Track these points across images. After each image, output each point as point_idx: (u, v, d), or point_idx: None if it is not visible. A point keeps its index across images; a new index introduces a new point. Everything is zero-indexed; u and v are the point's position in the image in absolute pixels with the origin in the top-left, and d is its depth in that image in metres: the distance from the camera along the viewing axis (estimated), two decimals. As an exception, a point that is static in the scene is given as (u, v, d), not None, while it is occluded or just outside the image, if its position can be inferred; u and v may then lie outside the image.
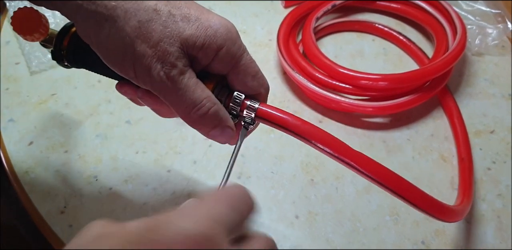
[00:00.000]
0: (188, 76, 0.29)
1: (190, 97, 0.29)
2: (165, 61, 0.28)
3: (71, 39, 0.33)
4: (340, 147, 0.30)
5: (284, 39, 0.56)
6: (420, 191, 0.30)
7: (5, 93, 0.53)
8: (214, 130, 0.31)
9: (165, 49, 0.28)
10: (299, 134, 0.31)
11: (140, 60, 0.28)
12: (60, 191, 0.46)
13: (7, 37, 0.58)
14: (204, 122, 0.30)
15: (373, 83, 0.49)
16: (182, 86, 0.29)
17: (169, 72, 0.28)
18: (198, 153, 0.49)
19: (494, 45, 0.60)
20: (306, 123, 0.31)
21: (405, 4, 0.61)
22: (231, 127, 0.31)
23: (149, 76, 0.28)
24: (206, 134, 0.31)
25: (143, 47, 0.28)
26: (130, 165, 0.48)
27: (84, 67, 0.35)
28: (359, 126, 0.53)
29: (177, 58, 0.28)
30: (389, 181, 0.30)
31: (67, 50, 0.34)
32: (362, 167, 0.29)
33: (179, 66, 0.29)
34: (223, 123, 0.31)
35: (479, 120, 0.54)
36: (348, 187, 0.47)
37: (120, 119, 0.52)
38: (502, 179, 0.49)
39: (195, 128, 0.31)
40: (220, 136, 0.31)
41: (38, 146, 0.49)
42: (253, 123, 0.32)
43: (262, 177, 0.48)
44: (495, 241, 0.44)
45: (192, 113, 0.30)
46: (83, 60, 0.34)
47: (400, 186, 0.30)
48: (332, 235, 0.44)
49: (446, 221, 0.33)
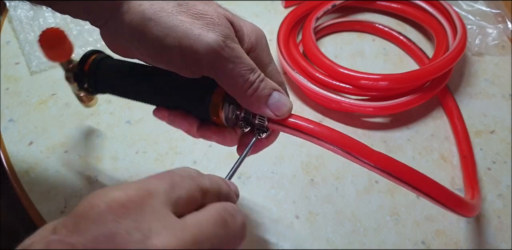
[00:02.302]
0: (239, 45, 0.28)
1: (248, 63, 0.28)
2: (218, 29, 0.27)
3: (93, 62, 0.34)
4: (361, 149, 0.30)
5: (284, 39, 0.56)
6: (443, 187, 0.30)
7: (5, 93, 0.53)
8: (273, 95, 0.30)
9: (214, 20, 0.27)
10: (316, 137, 0.30)
11: (188, 32, 0.26)
12: (60, 191, 0.46)
13: (7, 37, 0.58)
14: (265, 88, 0.29)
15: (373, 83, 0.49)
16: (239, 54, 0.28)
17: (225, 40, 0.27)
18: (198, 153, 0.49)
19: (494, 45, 0.60)
20: (322, 127, 0.31)
21: (405, 4, 0.61)
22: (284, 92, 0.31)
23: (204, 48, 0.26)
24: (264, 104, 0.30)
25: (190, 19, 0.27)
26: (130, 165, 0.48)
27: (109, 91, 0.36)
28: (359, 126, 0.53)
29: (227, 27, 0.28)
30: (413, 179, 0.29)
31: (89, 73, 0.34)
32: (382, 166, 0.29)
33: (231, 35, 0.28)
34: (279, 88, 0.30)
35: (479, 121, 0.54)
36: (349, 187, 0.47)
37: (120, 120, 0.52)
38: (502, 179, 0.49)
39: (255, 102, 0.29)
40: (279, 101, 0.30)
41: (38, 146, 0.49)
42: (266, 131, 0.32)
43: (262, 177, 0.48)
44: (495, 241, 0.44)
45: (252, 78, 0.28)
46: (105, 81, 0.35)
47: (424, 183, 0.30)
48: (332, 235, 0.44)
49: (465, 216, 0.33)
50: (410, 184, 0.29)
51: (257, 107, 0.30)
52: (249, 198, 0.46)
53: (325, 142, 0.30)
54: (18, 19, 0.59)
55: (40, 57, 0.56)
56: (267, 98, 0.29)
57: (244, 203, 0.46)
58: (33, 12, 0.60)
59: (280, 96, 0.30)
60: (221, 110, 0.31)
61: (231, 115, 0.32)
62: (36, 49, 0.57)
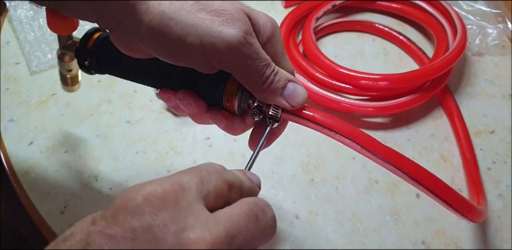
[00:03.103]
0: (256, 40, 0.28)
1: (265, 58, 0.28)
2: (238, 25, 0.27)
3: (96, 41, 0.34)
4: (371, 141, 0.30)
5: (284, 39, 0.56)
6: (455, 192, 0.30)
7: (5, 93, 0.53)
8: (288, 86, 0.30)
9: (233, 15, 0.27)
10: (329, 128, 0.31)
11: (210, 30, 0.26)
12: (60, 191, 0.46)
13: (7, 37, 0.58)
14: (280, 79, 0.29)
15: (373, 83, 0.49)
16: (256, 50, 0.28)
17: (245, 36, 0.27)
18: (198, 153, 0.49)
19: (494, 45, 0.60)
20: (335, 119, 0.31)
21: (405, 4, 0.61)
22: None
23: (225, 45, 0.27)
24: (279, 96, 0.30)
25: (209, 16, 0.27)
26: (130, 165, 0.48)
27: (110, 72, 0.35)
28: (360, 126, 0.53)
29: (246, 22, 0.28)
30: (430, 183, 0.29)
31: (91, 51, 0.34)
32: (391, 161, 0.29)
33: (250, 30, 0.28)
34: (293, 79, 0.31)
35: (479, 121, 0.54)
36: (349, 187, 0.47)
37: (121, 120, 0.52)
38: (502, 179, 0.49)
39: (270, 94, 0.30)
40: (294, 92, 0.30)
41: (38, 146, 0.49)
42: (278, 121, 0.32)
43: (262, 177, 0.47)
44: (495, 241, 0.44)
45: (268, 72, 0.29)
46: (110, 62, 0.34)
47: (439, 188, 0.30)
48: (332, 235, 0.44)
49: (474, 221, 0.33)
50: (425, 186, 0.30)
51: (272, 99, 0.30)
52: (249, 198, 0.46)
53: (336, 133, 0.30)
54: (18, 19, 0.59)
55: (40, 57, 0.56)
56: (282, 90, 0.30)
57: (244, 203, 0.46)
58: (33, 12, 0.60)
59: (294, 86, 0.30)
60: (235, 97, 0.31)
61: (243, 103, 0.32)
62: (36, 49, 0.57)
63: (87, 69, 0.35)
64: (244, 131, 0.34)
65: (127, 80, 0.35)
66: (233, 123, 0.32)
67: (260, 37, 0.29)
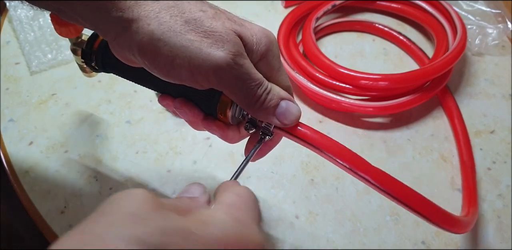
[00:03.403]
0: (248, 60, 0.28)
1: (256, 78, 0.28)
2: (227, 47, 0.27)
3: (102, 42, 0.34)
4: (359, 162, 0.30)
5: (284, 39, 0.56)
6: (433, 204, 0.30)
7: (5, 93, 0.53)
8: (280, 105, 0.30)
9: (223, 36, 0.27)
10: (318, 148, 0.31)
11: (198, 52, 0.27)
12: (60, 191, 0.46)
13: (7, 37, 0.58)
14: (272, 98, 0.29)
15: (373, 83, 0.49)
16: (247, 70, 0.28)
17: (234, 58, 0.27)
18: (198, 153, 0.49)
19: (494, 45, 0.60)
20: (325, 138, 0.31)
21: (405, 4, 0.61)
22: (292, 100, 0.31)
23: (213, 67, 0.27)
24: (272, 114, 0.30)
25: (198, 38, 0.27)
26: (130, 165, 0.48)
27: (114, 72, 0.36)
28: (360, 126, 0.53)
29: (236, 43, 0.27)
30: (408, 198, 0.30)
31: (97, 53, 0.34)
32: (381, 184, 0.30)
33: (240, 51, 0.28)
34: (286, 97, 0.30)
35: (479, 121, 0.54)
36: (349, 187, 0.47)
37: (121, 120, 0.52)
38: (502, 179, 0.49)
39: (262, 113, 0.30)
40: (287, 111, 0.30)
41: (38, 146, 0.49)
42: (271, 135, 0.32)
43: (262, 177, 0.48)
44: (495, 241, 0.44)
45: (259, 92, 0.29)
46: (113, 64, 0.35)
47: (412, 199, 0.30)
48: (332, 235, 0.44)
49: (458, 233, 0.33)
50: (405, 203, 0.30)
51: (264, 118, 0.30)
52: (249, 198, 0.46)
53: (328, 155, 0.31)
54: (18, 19, 0.59)
55: (40, 57, 0.56)
56: (274, 109, 0.30)
57: (244, 203, 0.46)
58: (33, 12, 0.60)
59: (287, 105, 0.30)
60: (229, 109, 0.31)
61: (237, 115, 0.32)
62: (36, 49, 0.57)
63: (94, 68, 0.36)
64: (240, 139, 0.34)
65: (132, 82, 0.36)
66: (227, 133, 0.33)
67: (254, 55, 0.29)
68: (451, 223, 0.31)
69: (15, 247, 0.58)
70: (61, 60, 0.56)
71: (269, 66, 0.30)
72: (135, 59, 0.29)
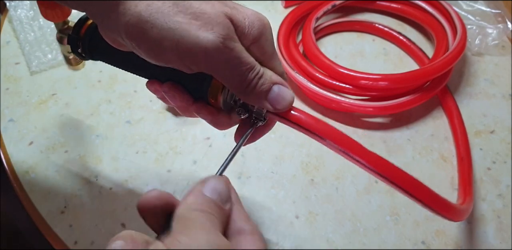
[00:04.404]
0: (239, 43, 0.28)
1: (247, 61, 0.28)
2: (216, 29, 0.26)
3: (89, 28, 0.33)
4: (354, 146, 0.30)
5: (284, 39, 0.56)
6: (431, 191, 0.30)
7: (5, 93, 0.53)
8: (272, 89, 0.29)
9: (212, 19, 0.26)
10: (313, 132, 0.30)
11: (186, 34, 0.26)
12: (60, 191, 0.46)
13: (7, 37, 0.58)
14: (264, 83, 0.29)
15: (373, 83, 0.49)
16: (238, 54, 0.27)
17: (224, 41, 0.26)
18: (198, 153, 0.49)
19: (494, 45, 0.60)
20: (320, 122, 0.30)
21: (405, 4, 0.61)
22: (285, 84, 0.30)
23: (202, 50, 0.26)
24: (264, 99, 0.29)
25: (187, 20, 0.26)
26: (130, 165, 0.48)
27: (101, 59, 0.35)
28: (360, 126, 0.53)
29: (226, 26, 0.27)
30: (402, 181, 0.29)
31: (84, 39, 0.33)
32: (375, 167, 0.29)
33: (230, 34, 0.27)
34: (279, 81, 0.30)
35: (479, 121, 0.54)
36: (349, 187, 0.47)
37: (121, 120, 0.52)
38: (502, 179, 0.49)
39: (254, 98, 0.29)
40: (279, 95, 0.29)
41: (38, 146, 0.49)
42: (263, 120, 0.31)
43: (262, 177, 0.48)
44: (495, 241, 0.44)
45: (251, 76, 0.28)
46: (100, 50, 0.34)
47: (411, 185, 0.29)
48: (332, 235, 0.44)
49: (453, 220, 0.33)
50: (399, 185, 0.29)
51: (256, 102, 0.30)
52: (249, 198, 0.46)
53: (322, 138, 0.30)
54: (18, 19, 0.59)
55: (40, 57, 0.56)
56: (266, 93, 0.29)
57: (244, 203, 0.46)
58: (33, 12, 0.60)
59: (280, 89, 0.29)
60: (220, 94, 0.30)
61: (229, 99, 0.31)
62: (36, 49, 0.57)
63: (81, 56, 0.35)
64: (231, 126, 0.33)
65: (118, 68, 0.35)
66: (218, 118, 0.32)
67: (245, 38, 0.28)
68: (447, 209, 0.31)
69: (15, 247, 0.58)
70: (61, 60, 0.56)
71: (261, 50, 0.29)
72: (123, 42, 0.28)
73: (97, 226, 0.44)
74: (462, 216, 0.35)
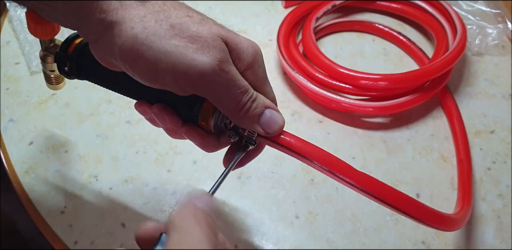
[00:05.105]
0: (234, 67, 0.28)
1: (242, 85, 0.28)
2: (212, 53, 0.26)
3: (78, 46, 0.33)
4: (345, 168, 0.30)
5: (284, 39, 0.56)
6: (421, 204, 0.30)
7: (5, 93, 0.53)
8: (265, 113, 0.29)
9: (208, 42, 0.26)
10: (303, 156, 0.30)
11: (182, 57, 0.26)
12: (60, 191, 0.46)
13: (7, 37, 0.58)
14: (257, 107, 0.29)
15: (373, 83, 0.49)
16: (233, 77, 0.27)
17: (220, 64, 0.26)
18: (198, 153, 0.49)
19: (494, 45, 0.60)
20: (310, 145, 0.31)
21: (405, 4, 0.61)
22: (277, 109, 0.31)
23: (198, 73, 0.26)
24: (256, 123, 0.30)
25: (183, 43, 0.26)
26: (131, 165, 0.48)
27: (89, 78, 0.34)
28: (360, 126, 0.53)
29: (222, 49, 0.27)
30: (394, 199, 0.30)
31: (72, 57, 0.33)
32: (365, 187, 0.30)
33: (226, 57, 0.27)
34: (271, 106, 0.30)
35: (479, 120, 0.54)
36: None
37: (121, 120, 0.52)
38: (502, 179, 0.49)
39: (246, 121, 0.29)
40: (271, 119, 0.30)
41: (38, 146, 0.49)
42: (254, 144, 0.32)
43: (262, 177, 0.48)
44: (495, 241, 0.44)
45: (245, 99, 0.28)
46: (89, 70, 0.33)
47: (401, 202, 0.30)
48: (332, 235, 0.44)
49: (448, 230, 0.33)
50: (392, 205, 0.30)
51: (248, 126, 0.30)
52: (249, 198, 0.46)
53: (312, 162, 0.30)
54: (18, 19, 0.59)
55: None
56: (259, 117, 0.29)
57: (244, 203, 0.46)
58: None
59: (271, 114, 0.30)
60: (212, 117, 0.30)
61: (220, 123, 0.31)
62: (36, 49, 0.57)
63: (67, 75, 0.35)
64: (219, 149, 0.33)
65: (106, 88, 0.34)
66: (207, 141, 0.32)
67: (240, 63, 0.29)
68: (438, 221, 0.31)
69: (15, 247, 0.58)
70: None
71: (255, 76, 0.30)
72: (116, 62, 0.28)
73: (97, 226, 0.44)
74: (458, 226, 0.35)
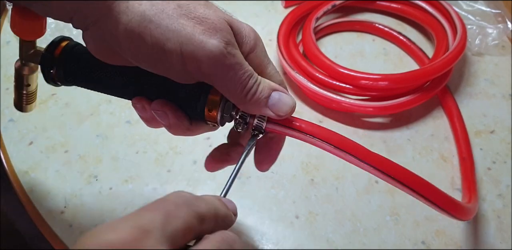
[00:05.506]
0: (239, 51, 0.28)
1: (248, 68, 0.27)
2: (219, 35, 0.26)
3: (65, 48, 0.31)
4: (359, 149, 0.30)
5: (284, 39, 0.56)
6: (439, 190, 0.30)
7: (5, 93, 0.53)
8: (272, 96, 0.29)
9: (215, 24, 0.26)
10: (318, 138, 0.30)
11: (190, 38, 0.25)
12: (60, 191, 0.46)
13: (7, 37, 0.58)
14: (263, 90, 0.28)
15: (373, 83, 0.49)
16: (239, 60, 0.27)
17: (227, 47, 0.26)
18: (198, 153, 0.49)
19: (494, 45, 0.60)
20: (323, 129, 0.30)
21: (405, 4, 0.61)
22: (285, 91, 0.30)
23: (206, 54, 0.26)
24: (264, 106, 0.29)
25: (191, 23, 0.26)
26: (130, 165, 0.48)
27: (79, 81, 0.32)
28: (360, 126, 0.53)
29: (228, 32, 0.27)
30: (410, 181, 0.30)
31: (59, 59, 0.31)
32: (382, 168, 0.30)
33: (232, 41, 0.27)
34: (278, 88, 0.29)
35: (479, 120, 0.54)
36: (349, 187, 0.47)
37: (121, 120, 0.52)
38: (502, 179, 0.49)
39: (254, 105, 0.29)
40: (280, 101, 0.29)
41: (38, 146, 0.49)
42: (263, 132, 0.31)
43: (262, 177, 0.48)
44: (495, 241, 0.44)
45: (251, 82, 0.28)
46: (79, 70, 0.31)
47: (420, 185, 0.30)
48: (332, 235, 0.44)
49: (462, 219, 0.33)
50: (406, 185, 0.30)
51: (257, 110, 0.29)
52: (249, 198, 0.46)
53: (326, 143, 0.30)
54: (18, 19, 0.59)
55: (40, 57, 0.56)
56: (266, 100, 0.29)
57: (244, 203, 0.46)
58: (33, 12, 0.60)
59: (280, 95, 0.29)
60: (218, 108, 0.29)
61: (226, 113, 0.31)
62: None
63: (52, 80, 0.33)
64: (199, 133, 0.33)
65: (97, 92, 0.33)
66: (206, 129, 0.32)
67: (243, 47, 0.28)
68: (456, 208, 0.31)
69: (15, 247, 0.58)
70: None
71: (258, 60, 0.29)
72: (118, 47, 0.27)
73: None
74: (470, 215, 0.35)
